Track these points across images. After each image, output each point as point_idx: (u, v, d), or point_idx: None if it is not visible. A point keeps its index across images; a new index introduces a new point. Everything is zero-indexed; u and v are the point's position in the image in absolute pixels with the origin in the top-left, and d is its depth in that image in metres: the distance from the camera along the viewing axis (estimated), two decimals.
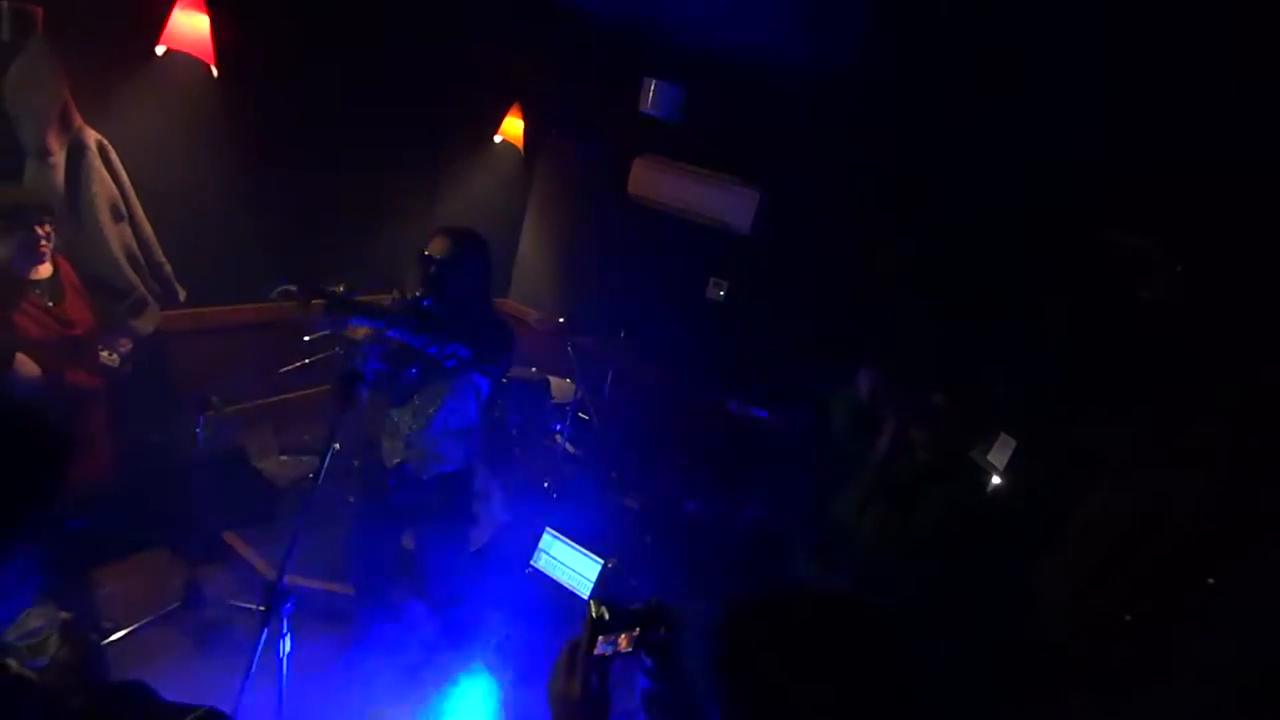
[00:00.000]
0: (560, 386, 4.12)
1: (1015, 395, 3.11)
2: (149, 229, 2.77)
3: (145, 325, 2.78)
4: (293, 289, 2.87)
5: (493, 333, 2.33)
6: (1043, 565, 2.83)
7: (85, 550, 2.62)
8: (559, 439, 3.93)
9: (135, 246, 2.73)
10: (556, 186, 4.91)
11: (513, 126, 4.31)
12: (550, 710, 0.93)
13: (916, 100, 3.07)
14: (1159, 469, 2.71)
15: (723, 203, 3.96)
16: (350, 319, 2.07)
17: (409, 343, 2.13)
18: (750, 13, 2.59)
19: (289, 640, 1.96)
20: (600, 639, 0.93)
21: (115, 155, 2.60)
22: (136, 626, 2.58)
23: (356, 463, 3.33)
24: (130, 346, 2.66)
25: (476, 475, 2.74)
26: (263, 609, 1.89)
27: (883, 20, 2.32)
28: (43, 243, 2.21)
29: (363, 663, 2.64)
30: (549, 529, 3.06)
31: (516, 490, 3.67)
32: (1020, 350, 3.22)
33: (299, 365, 3.23)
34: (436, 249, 2.23)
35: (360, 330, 2.32)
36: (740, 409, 3.61)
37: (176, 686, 1.85)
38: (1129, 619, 2.51)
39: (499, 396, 3.87)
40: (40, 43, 2.30)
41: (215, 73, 2.74)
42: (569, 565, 2.99)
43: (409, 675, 2.63)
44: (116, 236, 2.64)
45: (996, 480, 3.06)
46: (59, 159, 2.43)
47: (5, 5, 2.24)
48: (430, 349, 2.13)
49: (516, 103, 4.29)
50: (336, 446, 1.94)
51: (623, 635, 0.97)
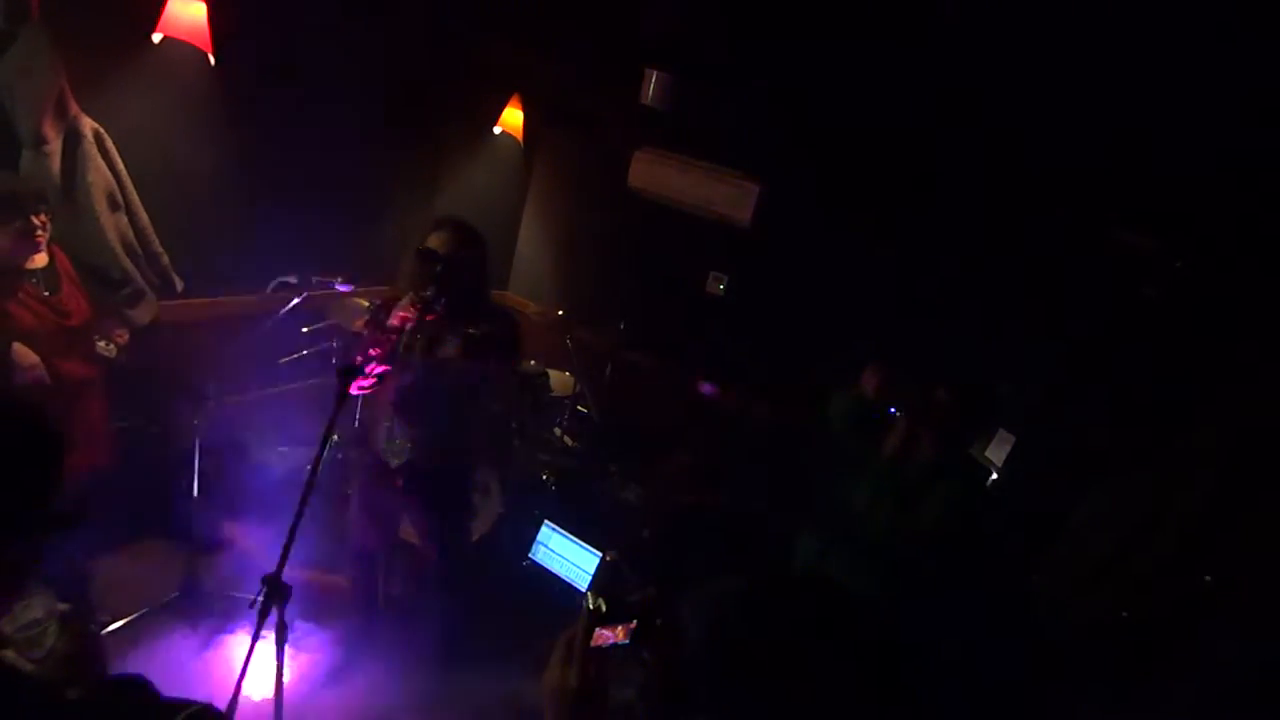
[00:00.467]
0: (559, 380, 4.11)
1: (1017, 393, 3.10)
2: (145, 219, 2.76)
3: (142, 316, 2.76)
4: (291, 280, 2.87)
5: (507, 322, 2.35)
6: (1042, 563, 2.84)
7: (83, 541, 2.61)
8: (558, 432, 3.92)
9: (132, 236, 2.72)
10: (556, 179, 4.89)
11: (512, 118, 4.29)
12: (546, 702, 0.93)
13: (918, 97, 3.06)
14: (1158, 467, 2.71)
15: (723, 196, 3.94)
16: None
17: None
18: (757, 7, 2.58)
19: (287, 631, 1.96)
20: (597, 631, 0.93)
21: (111, 144, 2.58)
22: (135, 616, 2.57)
23: (355, 454, 3.33)
24: (127, 337, 2.65)
25: (476, 467, 2.73)
26: (261, 599, 1.89)
27: (884, 16, 2.31)
28: (39, 232, 2.19)
29: (361, 653, 2.64)
30: (547, 521, 3.06)
31: (515, 483, 3.67)
32: (1022, 348, 3.22)
33: (297, 356, 3.22)
34: (439, 244, 2.20)
35: (359, 322, 2.32)
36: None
37: (174, 677, 1.86)
38: (1126, 616, 2.51)
39: (498, 389, 3.87)
40: (36, 29, 2.27)
41: (212, 61, 2.72)
42: (567, 558, 2.99)
43: (408, 666, 2.63)
44: (113, 226, 2.63)
45: (995, 477, 3.06)
46: (55, 147, 2.42)
47: None
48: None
49: (516, 94, 4.27)
50: (335, 437, 1.93)
51: (620, 627, 0.96)
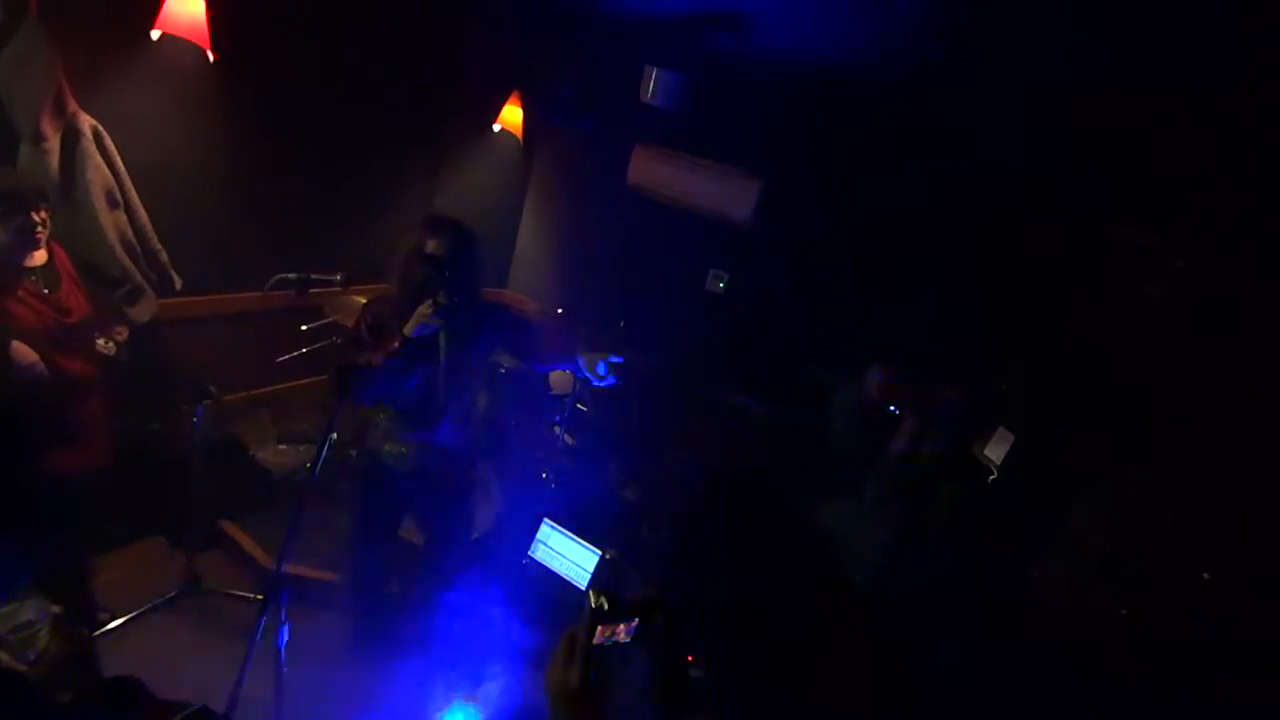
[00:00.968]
0: (559, 377, 4.11)
1: (1018, 391, 3.11)
2: (145, 216, 2.75)
3: (141, 313, 2.76)
4: (290, 277, 2.86)
5: (510, 316, 2.38)
6: (1043, 561, 2.84)
7: (83, 539, 2.61)
8: (557, 430, 3.92)
9: (131, 234, 2.71)
10: (556, 176, 4.88)
11: (512, 115, 4.28)
12: (548, 700, 0.93)
13: (919, 94, 3.05)
14: (1158, 465, 2.72)
15: (723, 193, 3.94)
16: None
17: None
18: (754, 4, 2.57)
19: (286, 629, 1.96)
20: (599, 629, 0.93)
21: (110, 141, 2.57)
22: (134, 615, 2.57)
23: (354, 452, 3.33)
24: (126, 335, 2.64)
25: (475, 464, 2.73)
26: (260, 598, 1.89)
27: (887, 13, 2.30)
28: (38, 229, 2.18)
29: (360, 651, 2.64)
30: (547, 520, 3.06)
31: (514, 481, 3.67)
32: (1024, 346, 3.22)
33: (296, 354, 3.22)
34: (439, 247, 2.16)
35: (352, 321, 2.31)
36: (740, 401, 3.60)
37: (174, 675, 1.85)
38: (1125, 613, 2.52)
39: (496, 386, 3.87)
40: (34, 25, 2.26)
41: (211, 58, 2.71)
42: (566, 556, 2.99)
43: (407, 664, 2.63)
44: (112, 224, 2.62)
45: (995, 476, 3.06)
46: (54, 144, 2.40)
47: None
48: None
49: (516, 91, 4.26)
50: (334, 436, 1.93)
51: (621, 625, 0.96)
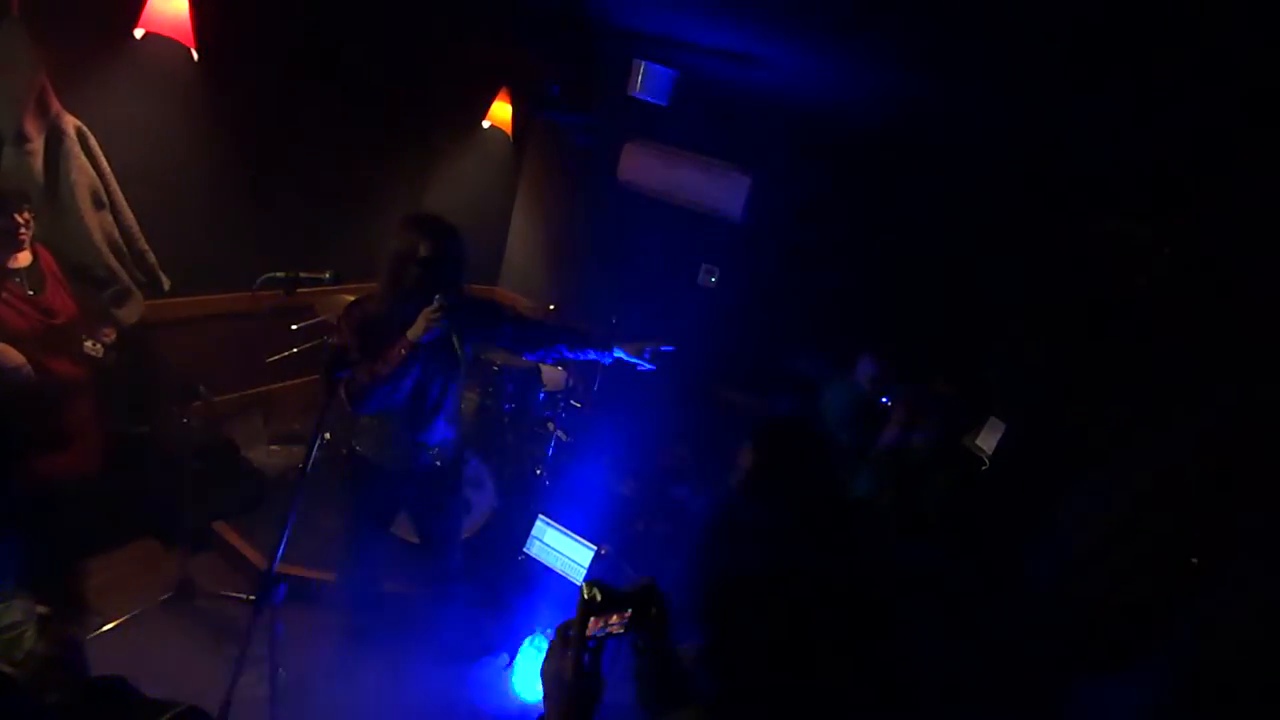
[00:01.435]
0: (552, 374, 4.10)
1: (1010, 383, 3.13)
2: (131, 216, 2.73)
3: (129, 315, 2.74)
4: (279, 276, 2.84)
5: (505, 310, 2.44)
6: (1035, 550, 2.87)
7: (75, 542, 2.60)
8: (551, 426, 3.92)
9: (117, 234, 2.69)
10: (546, 172, 4.87)
11: (501, 111, 4.27)
12: (544, 690, 0.93)
13: (914, 92, 3.06)
14: (1148, 453, 2.74)
15: (714, 188, 3.94)
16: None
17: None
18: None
19: (280, 629, 1.95)
20: (593, 620, 0.94)
21: (95, 141, 2.55)
22: (127, 617, 2.56)
23: (345, 451, 3.32)
24: (114, 336, 2.63)
25: (469, 462, 2.73)
26: (253, 598, 1.89)
27: (880, 10, 2.30)
28: (22, 231, 2.17)
29: (354, 651, 2.64)
30: (541, 516, 3.06)
31: (509, 478, 3.67)
32: (1015, 338, 3.24)
33: (286, 354, 3.20)
34: (432, 249, 2.12)
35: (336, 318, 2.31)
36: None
37: (168, 677, 1.85)
38: (1116, 599, 2.55)
39: (490, 383, 3.86)
40: (15, 24, 2.24)
41: (195, 56, 2.69)
42: (561, 552, 2.99)
43: (401, 662, 2.63)
44: (98, 224, 2.60)
45: (987, 465, 3.08)
46: (37, 145, 2.39)
47: None
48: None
49: (505, 87, 4.25)
50: (326, 436, 1.92)
51: (615, 616, 0.97)
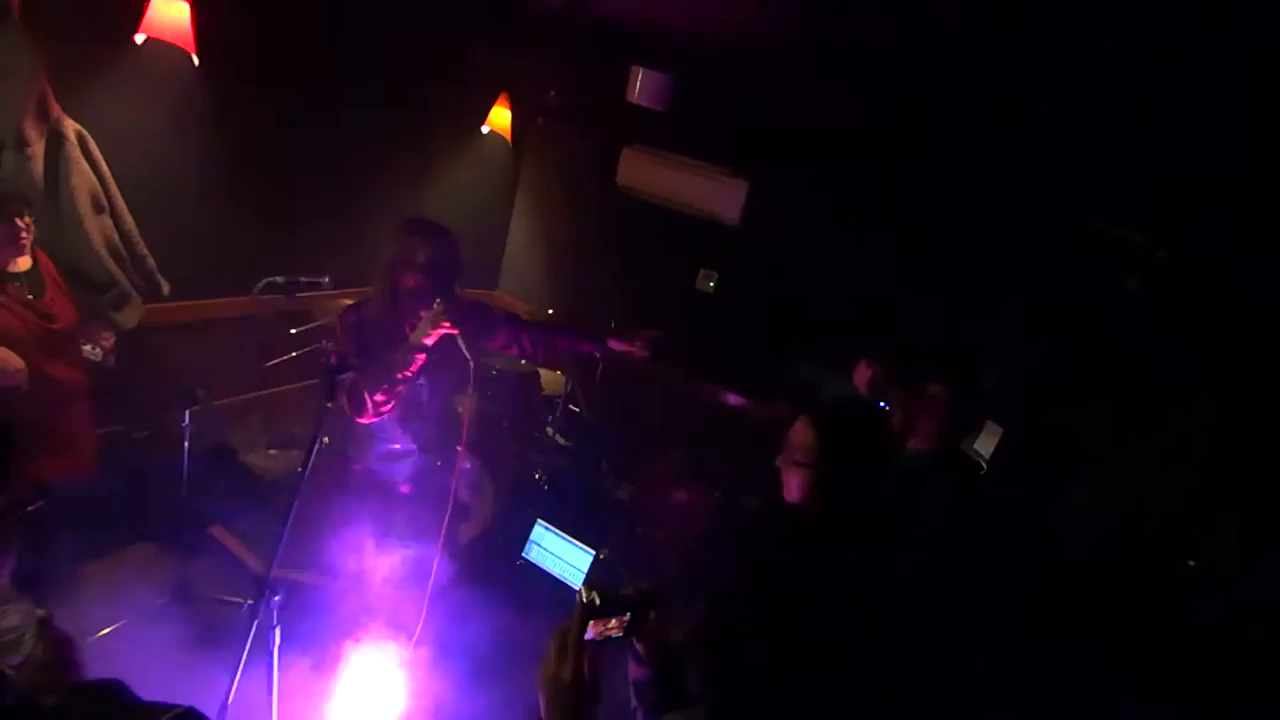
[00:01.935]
0: (550, 378, 4.11)
1: (1004, 386, 3.13)
2: (130, 221, 2.73)
3: (128, 319, 2.74)
4: (278, 281, 2.85)
5: (490, 310, 2.44)
6: (1032, 552, 2.87)
7: (73, 545, 2.59)
8: (549, 431, 3.93)
9: (117, 239, 2.70)
10: (545, 177, 4.88)
11: (500, 117, 4.28)
12: (541, 695, 0.93)
13: (910, 92, 3.08)
14: (1144, 457, 2.75)
15: (712, 193, 3.95)
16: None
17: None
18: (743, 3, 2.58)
19: (278, 633, 1.95)
20: (591, 624, 0.94)
21: (95, 146, 2.56)
22: (125, 622, 2.56)
23: (340, 456, 3.31)
24: (113, 340, 2.63)
25: (467, 467, 2.73)
26: (252, 603, 1.89)
27: (878, 13, 2.32)
28: (22, 235, 2.18)
29: (353, 654, 2.63)
30: (540, 520, 3.06)
31: (507, 482, 3.67)
32: (1012, 342, 3.25)
33: (285, 359, 3.21)
34: (428, 254, 2.12)
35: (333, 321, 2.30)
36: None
37: (166, 681, 1.84)
38: (1113, 602, 2.55)
39: (488, 387, 3.87)
40: (17, 29, 2.25)
41: (196, 61, 2.70)
42: (560, 556, 2.99)
43: (401, 667, 2.63)
44: (97, 229, 2.61)
45: (984, 470, 3.09)
46: (37, 150, 2.39)
47: None
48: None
49: (504, 93, 4.26)
50: (324, 440, 1.92)
51: (613, 620, 0.97)
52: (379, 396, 2.09)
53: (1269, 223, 2.56)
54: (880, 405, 2.57)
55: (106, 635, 2.49)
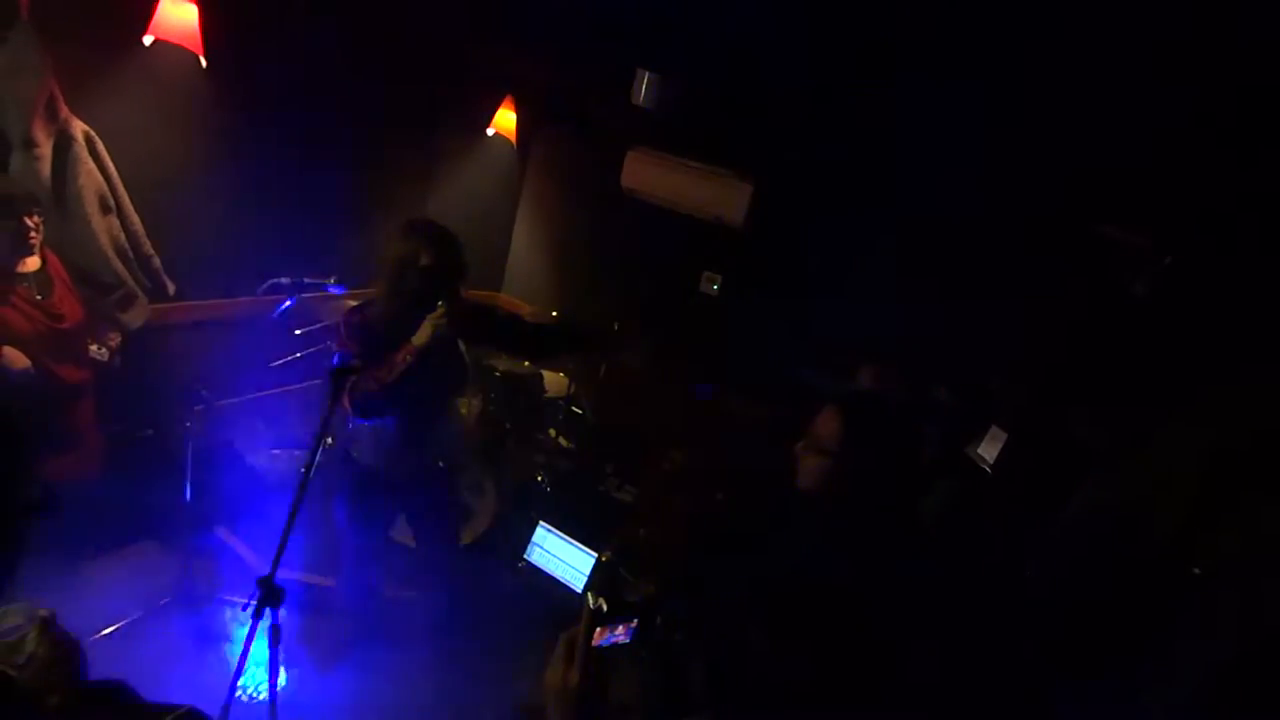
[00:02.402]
0: (554, 380, 4.11)
1: (1010, 390, 3.13)
2: (137, 221, 2.75)
3: (134, 319, 2.75)
4: (284, 282, 2.85)
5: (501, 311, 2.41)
6: (1034, 557, 2.86)
7: (76, 544, 2.60)
8: (552, 433, 3.93)
9: (124, 239, 2.71)
10: (549, 179, 4.89)
11: (505, 119, 4.29)
12: (547, 701, 0.93)
13: (912, 95, 3.07)
14: (1147, 462, 2.74)
15: (716, 196, 3.95)
16: None
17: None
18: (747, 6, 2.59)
19: (280, 634, 1.95)
20: (598, 630, 0.94)
21: (103, 147, 2.57)
22: (127, 621, 2.56)
23: (344, 457, 3.32)
24: (119, 340, 2.65)
25: (469, 468, 2.73)
26: (254, 603, 1.89)
27: (878, 16, 2.32)
28: (31, 235, 2.19)
29: (353, 655, 2.63)
30: (542, 523, 3.06)
31: (510, 484, 3.67)
32: (1017, 346, 3.25)
33: (290, 359, 3.21)
34: (432, 256, 2.12)
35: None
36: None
37: (167, 681, 1.85)
38: (1115, 608, 2.54)
39: (491, 389, 3.87)
40: (25, 31, 2.26)
41: (204, 63, 2.71)
42: (562, 558, 2.99)
43: (402, 668, 2.63)
44: (105, 229, 2.62)
45: (989, 474, 3.08)
46: (45, 150, 2.40)
47: None
48: None
49: (509, 95, 4.27)
50: (328, 441, 1.93)
51: (621, 626, 0.97)
52: (378, 396, 2.09)
53: (1274, 227, 2.56)
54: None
55: (108, 634, 2.49)
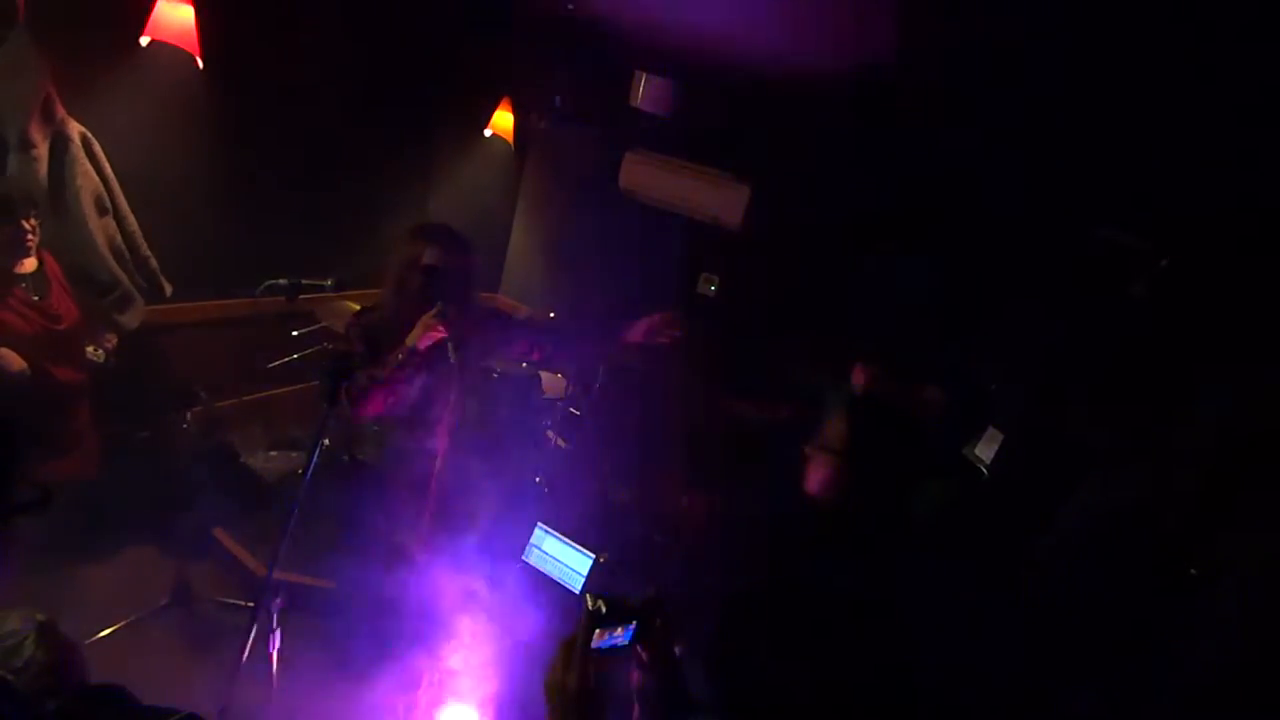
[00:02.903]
0: (551, 381, 4.11)
1: (1007, 391, 3.14)
2: (134, 222, 2.74)
3: (131, 320, 2.75)
4: (281, 283, 2.85)
5: (509, 319, 2.41)
6: (1031, 558, 2.87)
7: (73, 547, 2.59)
8: (550, 433, 3.92)
9: (120, 240, 2.70)
10: (547, 181, 4.89)
11: (503, 120, 4.29)
12: (546, 704, 0.93)
13: (912, 97, 3.09)
14: (1145, 463, 2.75)
15: (713, 198, 3.96)
16: None
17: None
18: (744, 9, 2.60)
19: (278, 636, 1.95)
20: (597, 632, 0.94)
21: (99, 148, 2.57)
22: (124, 623, 2.55)
23: (346, 457, 3.31)
24: (116, 341, 2.64)
25: (471, 469, 2.73)
26: (251, 605, 1.89)
27: (879, 18, 2.33)
28: (28, 237, 2.18)
29: (353, 658, 2.63)
30: (540, 524, 3.06)
31: (507, 485, 3.67)
32: (1011, 346, 3.25)
33: (286, 360, 3.21)
34: (436, 258, 2.11)
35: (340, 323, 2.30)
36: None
37: (164, 684, 1.84)
38: (1113, 609, 2.55)
39: (488, 390, 3.86)
40: (22, 32, 2.26)
41: (200, 64, 2.71)
42: (560, 560, 2.99)
43: (400, 670, 2.62)
44: (101, 230, 2.61)
45: (985, 475, 3.09)
46: (42, 151, 2.40)
47: None
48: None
49: (507, 96, 4.27)
50: (325, 442, 1.93)
51: (620, 628, 0.97)
52: (375, 396, 2.09)
53: (1272, 230, 2.57)
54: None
55: (106, 637, 2.48)
